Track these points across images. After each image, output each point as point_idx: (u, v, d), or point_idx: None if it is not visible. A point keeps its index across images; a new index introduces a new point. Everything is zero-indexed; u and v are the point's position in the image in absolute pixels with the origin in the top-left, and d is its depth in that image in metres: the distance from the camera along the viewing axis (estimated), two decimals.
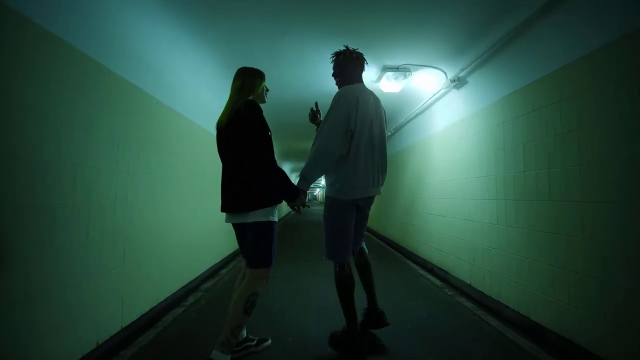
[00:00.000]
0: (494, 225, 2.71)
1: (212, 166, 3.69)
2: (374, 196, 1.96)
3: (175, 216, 2.84)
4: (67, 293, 1.57)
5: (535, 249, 2.22)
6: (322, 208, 2.41)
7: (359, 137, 1.78)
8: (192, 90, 3.22)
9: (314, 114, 2.19)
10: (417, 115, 4.54)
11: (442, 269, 3.72)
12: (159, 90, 2.51)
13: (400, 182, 5.50)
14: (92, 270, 1.74)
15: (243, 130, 1.62)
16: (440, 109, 3.81)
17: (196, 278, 3.27)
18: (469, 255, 3.10)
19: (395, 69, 3.39)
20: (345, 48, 1.98)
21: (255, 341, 1.91)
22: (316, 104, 2.26)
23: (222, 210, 1.76)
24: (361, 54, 2.00)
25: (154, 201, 2.44)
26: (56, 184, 1.50)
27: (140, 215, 2.21)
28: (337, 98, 1.83)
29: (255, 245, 1.68)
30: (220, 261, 4.17)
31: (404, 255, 5.02)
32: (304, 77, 3.82)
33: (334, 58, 2.02)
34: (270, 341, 1.98)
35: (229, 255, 4.49)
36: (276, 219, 1.73)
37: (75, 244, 1.62)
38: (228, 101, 1.75)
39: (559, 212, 2.01)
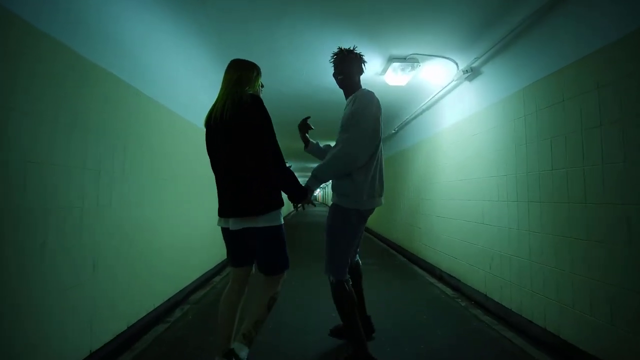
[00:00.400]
0: (513, 230, 2.43)
1: (204, 165, 3.43)
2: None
3: (160, 220, 2.57)
4: (18, 318, 1.30)
5: (565, 259, 1.94)
6: (324, 209, 2.28)
7: (378, 145, 1.74)
8: (178, 81, 2.96)
9: (304, 126, 2.05)
10: (423, 111, 4.27)
11: (452, 276, 3.44)
12: (139, 79, 2.24)
13: (405, 182, 5.23)
14: (51, 287, 1.47)
15: (250, 127, 1.47)
16: (449, 104, 3.54)
17: (184, 288, 2.99)
18: (484, 262, 2.83)
19: (403, 59, 3.12)
20: (344, 49, 1.86)
21: None
22: (308, 118, 2.11)
23: (225, 215, 1.56)
24: (360, 54, 1.89)
25: (134, 203, 2.17)
26: None
27: (115, 220, 1.94)
28: (367, 102, 1.69)
29: (274, 250, 1.57)
30: (214, 267, 3.89)
31: (409, 260, 4.74)
32: (303, 69, 3.55)
33: (335, 57, 1.88)
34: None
35: (223, 261, 4.21)
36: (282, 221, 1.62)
37: (27, 256, 1.35)
38: (222, 94, 1.57)
39: (596, 216, 1.73)
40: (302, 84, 3.95)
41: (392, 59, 3.15)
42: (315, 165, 2.03)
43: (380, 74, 3.48)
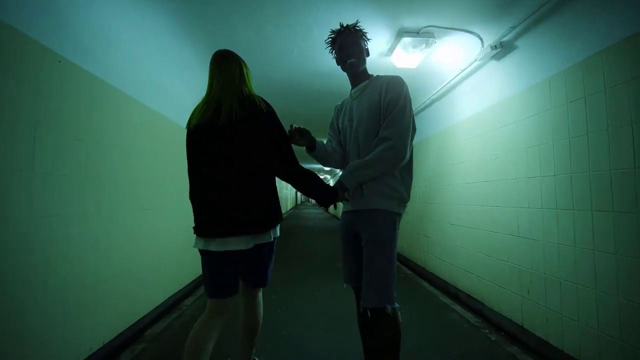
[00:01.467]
0: (567, 247, 1.87)
1: (179, 169, 2.82)
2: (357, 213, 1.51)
3: (118, 232, 1.94)
4: None
5: None
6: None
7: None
8: (151, 70, 2.34)
9: (299, 134, 1.55)
10: (433, 102, 3.70)
11: (472, 297, 2.87)
12: (100, 67, 1.65)
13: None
14: None
15: (263, 132, 1.29)
16: (468, 91, 2.98)
17: (141, 319, 2.35)
18: (520, 284, 2.26)
19: (415, 33, 2.54)
20: (349, 25, 1.51)
21: None
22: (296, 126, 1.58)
23: (214, 235, 1.29)
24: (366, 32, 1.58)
25: (88, 213, 1.55)
26: None
27: (54, 234, 1.32)
28: (406, 91, 1.42)
29: (269, 263, 1.49)
30: (182, 289, 3.25)
31: (415, 272, 4.16)
32: (294, 49, 2.95)
33: (337, 36, 1.52)
34: None
35: (198, 278, 3.57)
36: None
37: None
38: (217, 91, 1.33)
39: None
40: (292, 66, 3.34)
41: (402, 33, 2.56)
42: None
43: (386, 54, 2.90)
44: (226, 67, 1.37)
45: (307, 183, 1.39)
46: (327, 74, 3.51)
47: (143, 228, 2.42)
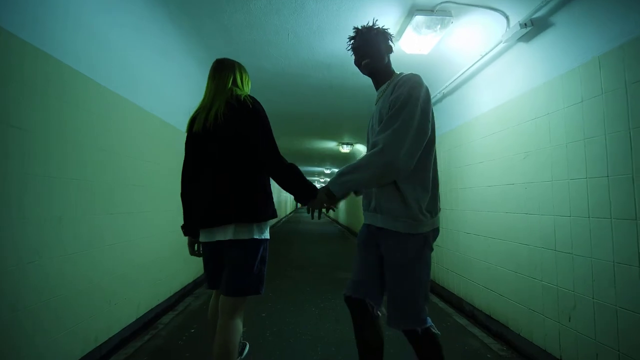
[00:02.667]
0: (626, 267, 1.48)
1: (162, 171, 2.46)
2: (381, 231, 1.32)
3: (93, 236, 1.57)
4: None
5: None
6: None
7: (432, 145, 1.27)
8: (116, 47, 1.98)
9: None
10: (444, 96, 3.33)
11: (493, 319, 2.47)
12: (70, 54, 1.31)
13: None
14: None
15: (254, 131, 1.35)
16: (489, 80, 2.60)
17: (108, 341, 1.97)
18: (557, 309, 1.87)
19: (429, 11, 2.18)
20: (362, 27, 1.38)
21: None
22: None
23: (206, 226, 1.37)
24: (387, 29, 1.44)
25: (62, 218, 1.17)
26: None
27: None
28: (413, 86, 1.22)
29: (248, 269, 1.36)
30: (159, 304, 2.87)
31: None
32: (288, 32, 2.60)
33: (352, 41, 1.40)
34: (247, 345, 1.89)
35: (180, 290, 3.19)
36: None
37: None
38: (209, 99, 1.42)
39: None
40: (286, 52, 2.98)
41: (414, 11, 2.20)
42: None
43: (393, 36, 2.53)
44: (219, 75, 1.45)
45: (286, 177, 1.38)
46: (326, 63, 3.15)
47: (109, 236, 2.04)
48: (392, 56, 1.46)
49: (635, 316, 1.44)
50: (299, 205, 1.36)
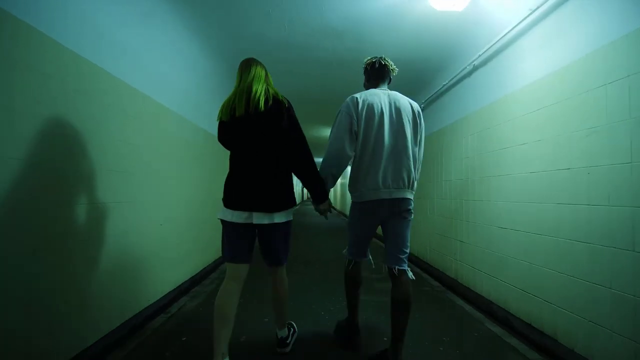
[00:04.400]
0: None
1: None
2: (399, 201, 1.73)
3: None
4: None
5: None
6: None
7: (364, 138, 1.74)
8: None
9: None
10: (475, 68, 2.89)
11: (534, 328, 2.08)
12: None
13: (435, 175, 3.85)
14: None
15: (288, 126, 1.56)
16: (538, 42, 2.15)
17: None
18: (633, 325, 1.47)
19: None
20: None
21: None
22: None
23: (246, 209, 1.55)
24: (373, 63, 1.93)
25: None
26: None
27: None
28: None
29: (286, 243, 1.72)
30: (140, 312, 2.53)
31: (444, 285, 3.37)
32: None
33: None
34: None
35: (166, 295, 2.85)
36: None
37: None
38: (246, 83, 1.57)
39: None
40: (291, 17, 2.56)
41: None
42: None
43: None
44: (254, 67, 1.60)
45: (313, 177, 1.64)
46: (338, 30, 2.72)
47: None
48: (418, 13, 1.27)
49: None
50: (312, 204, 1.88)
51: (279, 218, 1.58)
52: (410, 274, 1.74)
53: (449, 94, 3.51)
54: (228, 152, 1.67)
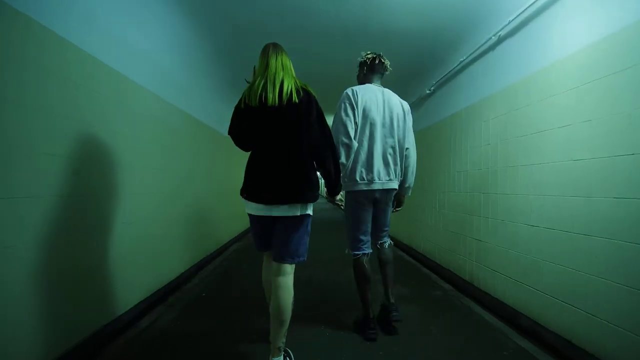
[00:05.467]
0: None
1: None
2: (388, 191, 2.03)
3: None
4: None
5: None
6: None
7: (362, 131, 1.92)
8: None
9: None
10: (500, 40, 2.49)
11: (578, 347, 1.72)
12: None
13: (446, 165, 3.47)
14: None
15: (316, 118, 1.54)
16: (580, 4, 1.76)
17: None
18: None
19: None
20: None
21: None
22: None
23: (270, 202, 1.49)
24: (373, 58, 2.04)
25: None
26: None
27: None
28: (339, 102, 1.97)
29: (305, 238, 1.61)
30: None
31: (457, 289, 3.01)
32: None
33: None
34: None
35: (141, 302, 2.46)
36: None
37: None
38: (275, 73, 1.51)
39: None
40: None
41: None
42: None
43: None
44: (281, 55, 1.57)
45: (336, 169, 1.62)
46: None
47: None
48: None
49: None
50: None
51: (300, 210, 1.54)
52: (388, 241, 2.18)
53: (467, 72, 3.10)
54: (216, 142, 1.28)
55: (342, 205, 2.02)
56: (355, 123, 1.89)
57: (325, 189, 1.75)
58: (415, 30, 2.99)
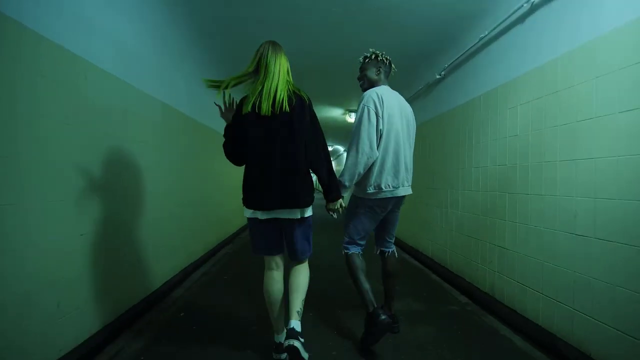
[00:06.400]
0: None
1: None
2: (404, 196, 1.95)
3: None
4: None
5: None
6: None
7: (387, 138, 1.83)
8: None
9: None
10: (533, 9, 2.06)
11: None
12: None
13: (460, 160, 3.06)
14: None
15: (309, 124, 1.58)
16: None
17: None
18: None
19: None
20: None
21: None
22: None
23: (271, 208, 1.55)
24: (379, 55, 1.95)
25: None
26: None
27: None
28: (360, 108, 1.84)
29: (309, 237, 1.72)
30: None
31: (476, 302, 2.62)
32: None
33: (360, 63, 2.01)
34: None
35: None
36: None
37: None
38: (272, 82, 1.53)
39: None
40: None
41: None
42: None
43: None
44: (280, 58, 1.57)
45: (331, 174, 1.67)
46: None
47: None
48: None
49: None
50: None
51: (301, 213, 1.61)
52: (395, 253, 2.09)
53: (487, 51, 2.67)
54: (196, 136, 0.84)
55: (334, 213, 1.79)
56: (380, 130, 1.80)
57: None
58: (424, 3, 2.56)
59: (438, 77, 3.39)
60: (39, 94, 1.44)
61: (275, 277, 1.67)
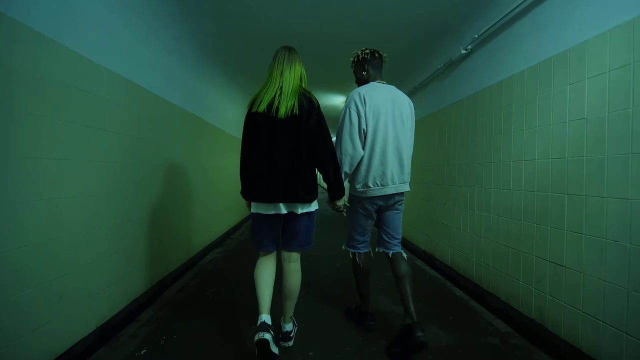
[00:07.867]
0: None
1: None
2: (400, 194, 1.93)
3: None
4: None
5: None
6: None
7: (374, 136, 1.84)
8: None
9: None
10: None
11: None
12: None
13: (488, 152, 2.50)
14: None
15: (316, 125, 1.65)
16: None
17: None
18: None
19: None
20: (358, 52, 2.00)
21: None
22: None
23: (277, 201, 1.63)
24: (372, 53, 1.96)
25: None
26: None
27: None
28: (344, 107, 1.90)
29: (311, 229, 1.78)
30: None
31: (517, 331, 2.09)
32: None
33: (352, 64, 2.05)
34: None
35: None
36: None
37: None
38: (285, 87, 1.65)
39: None
40: None
41: None
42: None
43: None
44: (294, 67, 1.70)
45: (335, 173, 1.74)
46: None
47: None
48: None
49: None
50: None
51: (307, 208, 1.69)
52: (404, 254, 1.98)
53: (533, 15, 2.10)
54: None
55: (344, 210, 1.90)
56: (363, 129, 1.83)
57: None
58: None
59: (464, 52, 2.81)
60: None
61: (268, 265, 1.76)
